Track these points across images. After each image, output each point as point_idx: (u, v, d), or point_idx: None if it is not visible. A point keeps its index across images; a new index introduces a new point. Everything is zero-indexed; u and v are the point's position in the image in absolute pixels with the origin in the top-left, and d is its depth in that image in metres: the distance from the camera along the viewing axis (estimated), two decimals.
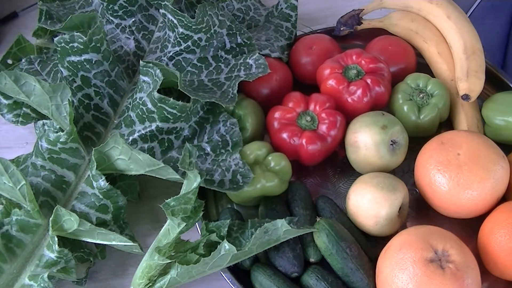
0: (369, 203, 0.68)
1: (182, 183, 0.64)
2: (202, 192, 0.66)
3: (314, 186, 0.77)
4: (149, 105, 0.69)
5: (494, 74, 0.83)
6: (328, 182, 0.77)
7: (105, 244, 0.67)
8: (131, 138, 0.71)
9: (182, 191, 0.63)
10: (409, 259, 0.60)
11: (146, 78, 0.70)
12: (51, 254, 0.64)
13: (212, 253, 0.61)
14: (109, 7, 0.79)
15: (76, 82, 0.72)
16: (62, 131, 0.69)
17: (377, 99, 0.76)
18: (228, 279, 0.66)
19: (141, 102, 0.70)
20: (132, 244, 0.65)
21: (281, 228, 0.63)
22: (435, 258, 0.60)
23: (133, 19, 0.81)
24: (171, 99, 0.68)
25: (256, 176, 0.70)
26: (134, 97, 0.72)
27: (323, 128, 0.74)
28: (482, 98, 0.80)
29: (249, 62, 0.76)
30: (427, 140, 0.72)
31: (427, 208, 0.72)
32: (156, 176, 0.67)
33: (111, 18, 0.80)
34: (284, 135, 0.73)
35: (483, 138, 0.69)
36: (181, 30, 0.75)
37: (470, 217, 0.69)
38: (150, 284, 0.63)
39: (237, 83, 0.73)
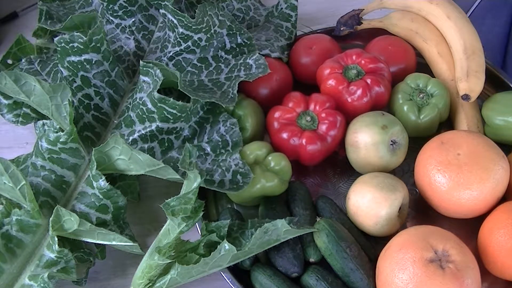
0: (369, 203, 0.68)
1: (182, 183, 0.64)
2: (202, 192, 0.66)
3: (314, 186, 0.77)
4: (149, 105, 0.69)
5: (494, 74, 0.83)
6: (328, 182, 0.77)
7: (105, 244, 0.67)
8: (131, 138, 0.71)
9: (182, 191, 0.63)
10: (409, 259, 0.60)
11: (146, 78, 0.70)
12: (51, 254, 0.64)
13: (212, 253, 0.61)
14: (109, 7, 0.79)
15: (76, 82, 0.72)
16: (62, 131, 0.69)
17: (377, 99, 0.76)
18: (228, 279, 0.66)
19: (141, 102, 0.70)
20: (132, 244, 0.65)
21: (281, 228, 0.63)
22: (435, 258, 0.60)
23: (133, 19, 0.81)
24: (171, 99, 0.68)
25: (256, 176, 0.70)
26: (134, 97, 0.72)
27: (323, 128, 0.74)
28: (482, 98, 0.80)
29: (249, 62, 0.76)
30: (427, 140, 0.72)
31: (427, 208, 0.72)
32: (156, 176, 0.67)
33: (111, 18, 0.80)
34: (284, 135, 0.73)
35: (483, 138, 0.69)
36: (181, 30, 0.75)
37: (470, 217, 0.69)
38: (150, 284, 0.63)
39: (237, 83, 0.73)
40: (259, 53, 0.77)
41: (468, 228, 0.70)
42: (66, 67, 0.72)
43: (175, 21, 0.75)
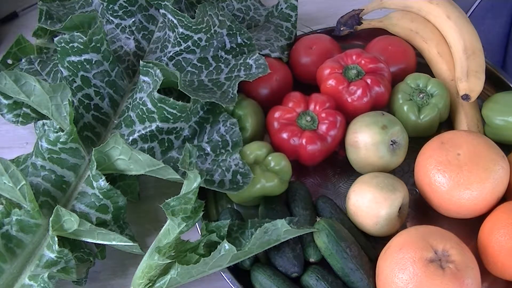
0: (369, 203, 0.68)
1: (182, 183, 0.64)
2: (202, 192, 0.66)
3: (314, 186, 0.77)
4: (149, 105, 0.69)
5: (494, 74, 0.83)
6: (328, 182, 0.77)
7: (105, 244, 0.67)
8: (131, 138, 0.71)
9: (182, 191, 0.63)
10: (409, 259, 0.60)
11: (146, 78, 0.70)
12: (51, 254, 0.64)
13: (212, 253, 0.61)
14: (109, 7, 0.79)
15: (76, 82, 0.72)
16: (62, 131, 0.69)
17: (377, 99, 0.76)
18: (228, 279, 0.66)
19: (141, 102, 0.70)
20: (132, 244, 0.65)
21: (281, 228, 0.63)
22: (435, 258, 0.60)
23: (133, 19, 0.81)
24: (171, 99, 0.68)
25: (256, 176, 0.70)
26: (134, 97, 0.72)
27: (323, 128, 0.74)
28: (482, 98, 0.80)
29: (249, 62, 0.76)
30: (427, 140, 0.72)
31: (427, 208, 0.72)
32: (156, 176, 0.67)
33: (111, 18, 0.80)
34: (284, 135, 0.73)
35: (483, 138, 0.69)
36: (181, 30, 0.75)
37: (470, 217, 0.69)
38: (150, 284, 0.63)
39: (237, 83, 0.73)
40: (259, 53, 0.77)
41: (468, 228, 0.70)
42: (66, 67, 0.72)
43: (175, 21, 0.75)
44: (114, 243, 0.65)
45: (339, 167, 0.78)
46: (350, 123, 0.75)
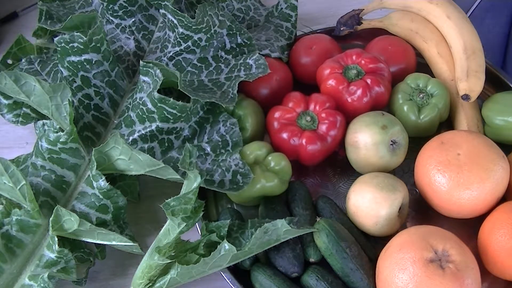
0: (369, 203, 0.68)
1: (182, 183, 0.64)
2: (202, 192, 0.66)
3: (314, 186, 0.77)
4: (149, 105, 0.69)
5: (494, 74, 0.83)
6: (328, 182, 0.77)
7: (105, 244, 0.67)
8: (131, 138, 0.71)
9: (182, 191, 0.63)
10: (409, 259, 0.60)
11: (146, 78, 0.70)
12: (51, 254, 0.64)
13: (212, 253, 0.61)
14: (109, 7, 0.79)
15: (76, 82, 0.72)
16: (62, 131, 0.69)
17: (377, 99, 0.76)
18: (228, 279, 0.66)
19: (141, 102, 0.70)
20: (132, 244, 0.65)
21: (281, 228, 0.63)
22: (435, 258, 0.60)
23: (133, 19, 0.81)
24: (171, 99, 0.69)
25: (256, 176, 0.70)
26: (134, 97, 0.72)
27: (323, 128, 0.74)
28: (482, 98, 0.80)
29: (249, 62, 0.76)
30: (427, 140, 0.72)
31: (427, 208, 0.72)
32: (156, 176, 0.67)
33: (111, 18, 0.80)
34: (284, 135, 0.73)
35: (483, 138, 0.69)
36: (181, 30, 0.75)
37: (470, 217, 0.69)
38: (150, 284, 0.63)
39: (237, 83, 0.73)
40: (259, 53, 0.77)
41: (468, 228, 0.70)
42: (66, 67, 0.72)
43: (175, 21, 0.75)
44: (114, 243, 0.65)
45: (339, 167, 0.79)
46: (350, 123, 0.75)
